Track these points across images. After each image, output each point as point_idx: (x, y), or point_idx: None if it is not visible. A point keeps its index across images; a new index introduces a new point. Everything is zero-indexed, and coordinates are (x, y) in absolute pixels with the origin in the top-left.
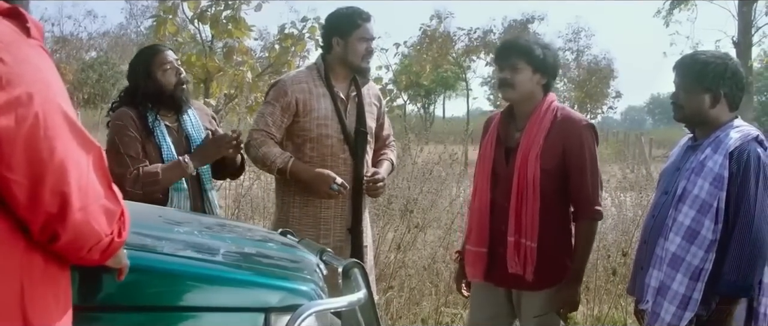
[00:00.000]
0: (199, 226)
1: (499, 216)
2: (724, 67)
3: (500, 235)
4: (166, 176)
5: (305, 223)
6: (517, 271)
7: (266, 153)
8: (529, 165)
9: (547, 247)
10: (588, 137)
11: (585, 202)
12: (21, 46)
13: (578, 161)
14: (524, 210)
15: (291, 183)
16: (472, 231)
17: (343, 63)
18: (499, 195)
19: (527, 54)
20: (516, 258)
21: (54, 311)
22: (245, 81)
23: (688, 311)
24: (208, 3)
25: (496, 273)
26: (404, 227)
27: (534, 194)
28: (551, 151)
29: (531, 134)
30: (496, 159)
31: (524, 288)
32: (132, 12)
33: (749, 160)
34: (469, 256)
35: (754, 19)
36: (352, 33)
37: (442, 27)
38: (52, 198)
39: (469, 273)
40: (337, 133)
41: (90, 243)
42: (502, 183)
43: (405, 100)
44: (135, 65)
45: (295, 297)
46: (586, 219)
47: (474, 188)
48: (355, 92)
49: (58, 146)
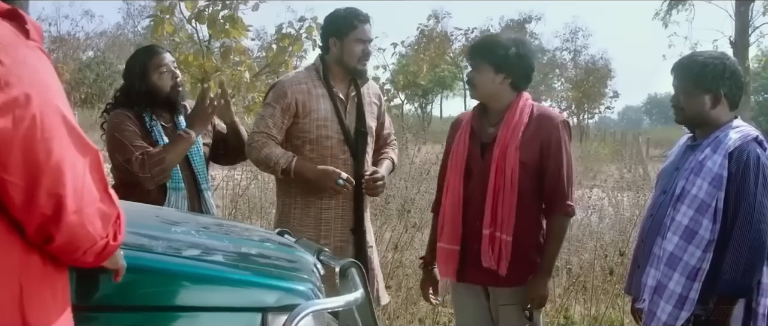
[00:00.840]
0: (197, 226)
1: (473, 212)
2: (722, 67)
3: (474, 232)
4: (171, 153)
5: (306, 224)
6: (491, 265)
7: (269, 154)
8: (509, 157)
9: (521, 242)
10: (564, 134)
11: (560, 197)
12: (19, 48)
13: (555, 156)
14: (501, 203)
15: (292, 185)
16: (444, 229)
17: (339, 64)
18: (473, 191)
19: (487, 54)
20: (490, 252)
21: (52, 310)
22: (243, 81)
23: (684, 310)
24: (206, 3)
25: (469, 270)
26: (402, 227)
27: (511, 187)
28: (529, 146)
29: (509, 127)
30: (471, 154)
31: (497, 284)
32: (129, 12)
33: (749, 160)
34: (441, 254)
35: (751, 19)
36: (348, 34)
37: (439, 27)
38: (47, 200)
39: (441, 272)
40: (336, 133)
41: (84, 246)
42: (476, 178)
43: (402, 100)
44: (131, 65)
45: (292, 297)
46: (559, 213)
47: (446, 185)
48: (354, 92)
49: (55, 148)
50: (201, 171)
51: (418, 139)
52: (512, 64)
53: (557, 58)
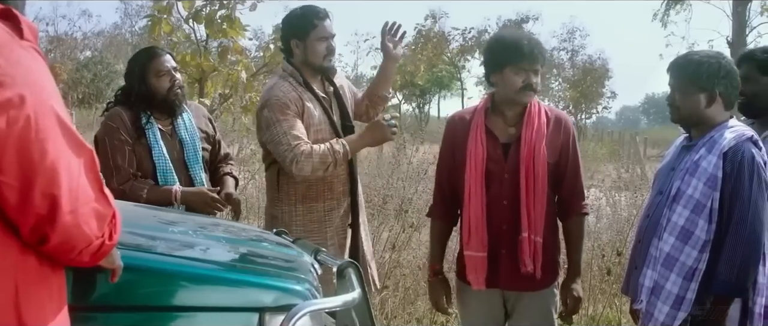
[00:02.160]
0: (194, 226)
1: (498, 215)
2: (717, 66)
3: (500, 236)
4: (152, 198)
5: (311, 230)
6: (530, 270)
7: (322, 153)
8: (538, 158)
9: (547, 243)
10: (575, 134)
11: (578, 198)
12: (14, 48)
13: (573, 157)
14: (533, 205)
15: (291, 191)
16: (471, 237)
17: (306, 64)
18: (497, 194)
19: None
20: (529, 257)
21: (48, 310)
22: (240, 80)
23: (681, 311)
24: (203, 2)
25: (501, 276)
26: (399, 227)
27: (542, 187)
28: (552, 146)
29: (533, 127)
30: (491, 156)
31: (530, 288)
32: (127, 11)
33: (743, 160)
34: (470, 263)
35: (748, 19)
36: (309, 33)
37: (436, 27)
38: (42, 200)
39: (473, 281)
40: (330, 134)
41: (80, 246)
42: (497, 180)
43: (400, 100)
44: (131, 66)
45: (289, 297)
46: (579, 214)
47: (467, 191)
48: (331, 88)
49: (50, 148)
50: (197, 174)
51: (415, 139)
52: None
53: (555, 58)
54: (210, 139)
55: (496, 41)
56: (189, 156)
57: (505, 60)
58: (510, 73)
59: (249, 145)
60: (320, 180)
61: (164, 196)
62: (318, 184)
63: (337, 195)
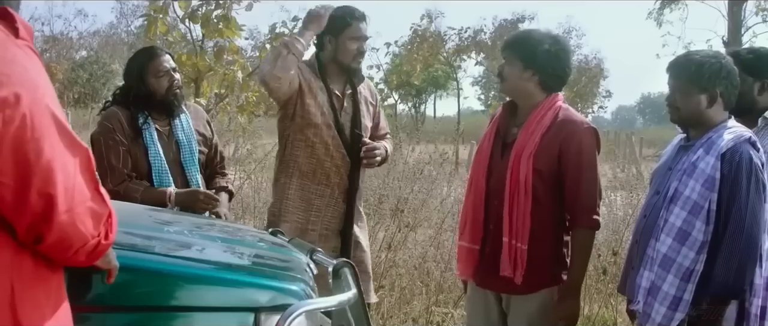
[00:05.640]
0: (190, 226)
1: (492, 212)
2: (718, 66)
3: (490, 234)
4: (146, 198)
5: (297, 206)
6: (508, 274)
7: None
8: (522, 164)
9: (536, 253)
10: (587, 141)
11: (580, 209)
12: (9, 47)
13: (574, 165)
14: (516, 211)
15: (291, 165)
16: (466, 226)
17: (334, 61)
18: (493, 191)
19: (518, 47)
20: (508, 261)
21: (45, 310)
22: (236, 80)
23: (678, 312)
24: (199, 2)
25: (485, 274)
26: (395, 226)
27: (526, 194)
28: (546, 152)
29: (527, 131)
30: (493, 152)
31: (512, 291)
32: (122, 11)
33: (741, 161)
34: (461, 253)
35: (743, 19)
36: (343, 32)
37: (432, 26)
38: (38, 199)
39: (461, 270)
40: (327, 127)
41: (76, 245)
42: (495, 178)
43: (396, 100)
44: (130, 66)
45: (284, 297)
46: (581, 227)
47: (470, 180)
48: (350, 90)
49: (45, 148)
50: (193, 175)
51: (411, 139)
52: (542, 60)
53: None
54: (207, 142)
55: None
56: (185, 157)
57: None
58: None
59: (245, 145)
60: (318, 163)
61: (158, 198)
62: (316, 165)
63: (332, 185)
